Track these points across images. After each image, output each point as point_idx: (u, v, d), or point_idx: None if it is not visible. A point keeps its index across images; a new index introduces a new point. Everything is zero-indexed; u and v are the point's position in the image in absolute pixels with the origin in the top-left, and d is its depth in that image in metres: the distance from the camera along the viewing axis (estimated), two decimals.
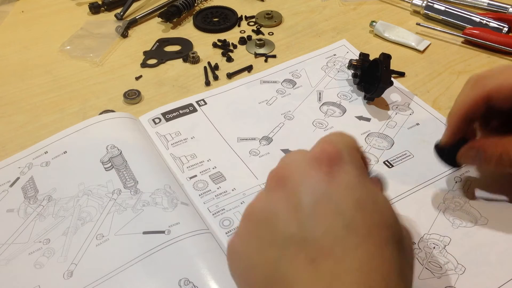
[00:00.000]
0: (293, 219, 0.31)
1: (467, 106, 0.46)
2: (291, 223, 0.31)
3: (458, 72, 0.68)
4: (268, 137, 0.58)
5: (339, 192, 0.31)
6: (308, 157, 0.34)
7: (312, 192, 0.31)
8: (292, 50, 0.73)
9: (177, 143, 0.57)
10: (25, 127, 0.61)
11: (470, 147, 0.46)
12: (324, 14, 0.80)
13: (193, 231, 0.47)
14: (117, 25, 0.77)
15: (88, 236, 0.47)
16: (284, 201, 0.32)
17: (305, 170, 0.33)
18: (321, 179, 0.32)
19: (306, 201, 0.31)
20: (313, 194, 0.31)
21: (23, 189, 0.52)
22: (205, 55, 0.72)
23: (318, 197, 0.31)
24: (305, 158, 0.34)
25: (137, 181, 0.51)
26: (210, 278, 0.43)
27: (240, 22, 0.79)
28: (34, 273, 0.45)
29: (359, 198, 0.31)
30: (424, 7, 0.78)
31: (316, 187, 0.32)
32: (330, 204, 0.31)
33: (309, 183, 0.32)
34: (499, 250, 0.46)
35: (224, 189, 0.52)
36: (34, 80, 0.68)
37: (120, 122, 0.58)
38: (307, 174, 0.33)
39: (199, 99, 0.63)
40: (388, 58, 0.61)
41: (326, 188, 0.31)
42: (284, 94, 0.65)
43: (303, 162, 0.34)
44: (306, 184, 0.32)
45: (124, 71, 0.69)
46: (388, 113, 0.62)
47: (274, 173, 0.35)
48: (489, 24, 0.74)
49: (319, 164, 0.33)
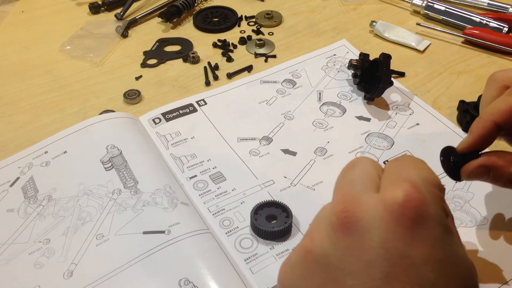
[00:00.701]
0: (365, 278, 0.27)
1: (502, 114, 0.39)
2: (360, 282, 0.27)
3: (458, 72, 0.68)
4: (268, 137, 0.58)
5: (421, 254, 0.27)
6: (386, 201, 0.28)
7: (390, 252, 0.27)
8: (292, 50, 0.73)
9: (177, 143, 0.57)
10: (25, 127, 0.61)
11: (481, 165, 0.40)
12: (324, 14, 0.80)
13: (193, 231, 0.47)
14: (117, 25, 0.77)
15: (88, 236, 0.47)
16: (354, 253, 0.27)
17: (384, 219, 0.28)
18: (403, 237, 0.27)
19: (381, 260, 0.27)
20: (392, 255, 0.27)
21: (23, 189, 0.52)
22: (205, 55, 0.72)
23: (397, 259, 0.27)
24: (383, 201, 0.28)
25: (137, 181, 0.51)
26: (210, 278, 0.43)
27: (240, 22, 0.79)
28: (34, 273, 0.45)
29: (442, 261, 0.27)
30: (424, 7, 0.78)
31: (396, 246, 0.27)
32: (410, 271, 0.26)
33: (388, 239, 0.27)
34: (499, 250, 0.46)
35: (224, 189, 0.52)
36: (34, 80, 0.68)
37: (120, 122, 0.58)
38: (387, 227, 0.27)
39: (199, 99, 0.63)
40: (388, 58, 0.61)
41: (407, 249, 0.27)
42: (284, 94, 0.65)
43: (380, 207, 0.28)
44: (384, 240, 0.27)
45: (124, 71, 0.69)
46: (388, 113, 0.62)
47: (341, 208, 0.29)
48: (489, 24, 0.74)
49: (402, 217, 0.27)
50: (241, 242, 0.47)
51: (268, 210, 0.49)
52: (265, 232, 0.47)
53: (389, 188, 0.29)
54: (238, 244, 0.47)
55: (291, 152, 0.57)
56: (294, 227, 0.48)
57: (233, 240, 0.47)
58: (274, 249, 0.47)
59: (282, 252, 0.46)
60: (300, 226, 0.49)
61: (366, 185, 0.30)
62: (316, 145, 0.57)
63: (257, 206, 0.49)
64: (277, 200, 0.49)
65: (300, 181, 0.53)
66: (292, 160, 0.56)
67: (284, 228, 0.47)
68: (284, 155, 0.56)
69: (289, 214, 0.48)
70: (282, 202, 0.49)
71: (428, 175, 0.30)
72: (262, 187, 0.53)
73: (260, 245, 0.47)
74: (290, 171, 0.54)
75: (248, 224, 0.49)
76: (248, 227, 0.49)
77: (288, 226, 0.47)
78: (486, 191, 0.51)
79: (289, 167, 0.55)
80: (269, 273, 0.45)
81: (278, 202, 0.49)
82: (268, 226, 0.47)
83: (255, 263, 0.46)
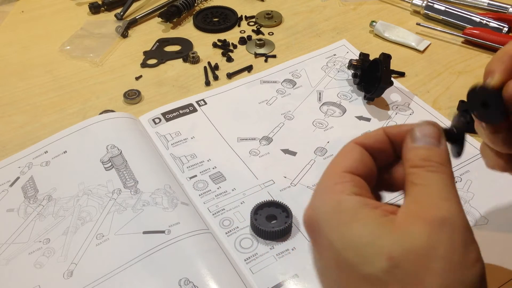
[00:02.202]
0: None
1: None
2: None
3: (458, 72, 0.68)
4: (268, 137, 0.58)
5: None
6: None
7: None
8: (292, 50, 0.73)
9: (177, 143, 0.57)
10: (25, 127, 0.61)
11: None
12: (324, 14, 0.80)
13: (193, 231, 0.47)
14: (117, 25, 0.77)
15: (88, 235, 0.47)
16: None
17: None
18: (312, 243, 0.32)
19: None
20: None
21: (23, 188, 0.52)
22: (205, 55, 0.72)
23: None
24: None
25: (137, 181, 0.51)
26: (210, 278, 0.43)
27: (240, 22, 0.79)
28: (34, 273, 0.45)
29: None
30: (424, 7, 0.78)
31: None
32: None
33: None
34: (499, 250, 0.46)
35: (224, 189, 0.52)
36: (34, 80, 0.68)
37: (120, 122, 0.58)
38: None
39: (199, 99, 0.63)
40: (388, 58, 0.61)
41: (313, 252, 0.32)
42: (284, 94, 0.65)
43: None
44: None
45: (124, 71, 0.69)
46: (388, 113, 0.62)
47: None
48: (489, 24, 0.74)
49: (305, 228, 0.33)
50: (241, 242, 0.47)
51: (268, 210, 0.49)
52: (265, 232, 0.47)
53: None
54: (238, 244, 0.47)
55: (291, 152, 0.57)
56: (294, 227, 0.48)
57: (233, 240, 0.47)
58: (274, 249, 0.47)
59: (282, 252, 0.46)
60: (300, 226, 0.49)
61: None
62: (316, 145, 0.57)
63: (257, 206, 0.49)
64: (277, 200, 0.49)
65: (300, 181, 0.53)
66: (292, 160, 0.56)
67: (284, 228, 0.47)
68: (284, 155, 0.56)
69: (289, 214, 0.48)
70: (282, 202, 0.49)
71: (327, 176, 0.32)
72: (262, 187, 0.53)
73: (260, 245, 0.47)
74: (290, 171, 0.54)
75: (248, 224, 0.49)
76: (248, 227, 0.49)
77: (288, 226, 0.47)
78: (486, 191, 0.51)
79: (289, 167, 0.55)
80: (269, 273, 0.45)
81: (278, 202, 0.49)
82: (268, 226, 0.47)
83: (255, 263, 0.46)
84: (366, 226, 0.28)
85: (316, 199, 0.31)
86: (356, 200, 0.29)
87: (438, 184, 0.29)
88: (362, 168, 0.31)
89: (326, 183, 0.31)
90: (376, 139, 0.33)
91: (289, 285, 0.44)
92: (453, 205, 0.28)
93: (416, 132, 0.31)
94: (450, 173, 0.30)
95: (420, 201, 0.28)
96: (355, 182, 0.30)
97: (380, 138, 0.33)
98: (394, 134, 0.33)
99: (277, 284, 0.44)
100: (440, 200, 0.28)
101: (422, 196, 0.29)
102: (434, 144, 0.31)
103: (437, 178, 0.29)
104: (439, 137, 0.31)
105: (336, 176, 0.31)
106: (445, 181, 0.29)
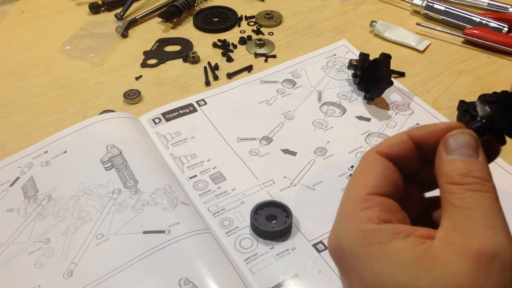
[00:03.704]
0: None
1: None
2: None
3: (458, 72, 0.68)
4: (268, 137, 0.58)
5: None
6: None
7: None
8: (292, 50, 0.73)
9: (177, 143, 0.57)
10: (25, 127, 0.61)
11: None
12: (324, 14, 0.80)
13: (193, 231, 0.47)
14: (117, 25, 0.77)
15: (88, 235, 0.47)
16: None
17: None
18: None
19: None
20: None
21: (23, 188, 0.52)
22: (205, 55, 0.72)
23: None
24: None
25: (137, 181, 0.51)
26: (210, 278, 0.43)
27: (240, 22, 0.79)
28: (34, 273, 0.45)
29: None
30: (424, 7, 0.78)
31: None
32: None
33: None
34: None
35: (224, 189, 0.52)
36: (34, 80, 0.68)
37: (120, 122, 0.58)
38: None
39: (199, 99, 0.63)
40: (388, 58, 0.61)
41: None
42: (284, 94, 0.65)
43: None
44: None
45: (124, 71, 0.69)
46: (388, 113, 0.62)
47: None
48: (489, 24, 0.74)
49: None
50: (241, 242, 0.47)
51: (268, 210, 0.49)
52: (265, 232, 0.47)
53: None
54: (238, 244, 0.47)
55: (291, 152, 0.57)
56: (294, 227, 0.48)
57: (233, 240, 0.47)
58: (274, 249, 0.47)
59: (282, 252, 0.46)
60: (300, 226, 0.49)
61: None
62: (316, 145, 0.57)
63: (257, 206, 0.49)
64: (277, 200, 0.49)
65: (300, 181, 0.53)
66: (292, 160, 0.56)
67: (284, 228, 0.47)
68: (284, 155, 0.56)
69: (289, 214, 0.48)
70: (282, 202, 0.49)
71: (346, 202, 0.29)
72: (262, 187, 0.53)
73: (260, 245, 0.47)
74: (290, 171, 0.54)
75: (248, 224, 0.49)
76: (248, 227, 0.49)
77: (288, 226, 0.47)
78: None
79: (289, 167, 0.55)
80: (269, 273, 0.45)
81: (278, 202, 0.49)
82: (268, 226, 0.47)
83: (255, 263, 0.46)
84: (401, 264, 0.25)
85: (340, 227, 0.28)
86: (385, 230, 0.26)
87: (483, 207, 0.25)
88: (388, 185, 0.28)
89: (349, 209, 0.28)
90: (400, 147, 0.29)
91: (289, 285, 0.44)
92: (502, 234, 0.24)
93: (450, 141, 0.28)
94: (494, 191, 0.26)
95: (462, 229, 0.25)
96: (382, 206, 0.27)
97: (406, 146, 0.29)
98: (420, 137, 0.29)
99: (277, 284, 0.44)
100: (486, 228, 0.24)
101: (464, 222, 0.25)
102: (472, 156, 0.27)
103: (481, 200, 0.25)
104: (476, 147, 0.27)
105: (360, 200, 0.28)
106: (490, 203, 0.25)
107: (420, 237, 0.25)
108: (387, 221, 0.27)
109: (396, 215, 0.28)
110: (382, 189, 0.28)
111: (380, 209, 0.27)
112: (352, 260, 0.26)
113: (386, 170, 0.29)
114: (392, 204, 0.28)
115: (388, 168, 0.29)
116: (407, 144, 0.29)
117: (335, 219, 0.29)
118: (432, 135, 0.29)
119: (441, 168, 0.27)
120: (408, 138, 0.29)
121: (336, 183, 0.53)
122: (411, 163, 0.30)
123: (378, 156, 0.29)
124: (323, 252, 0.46)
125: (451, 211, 0.26)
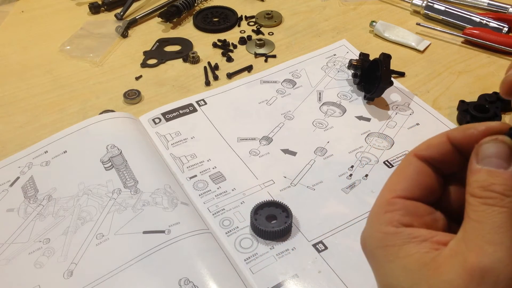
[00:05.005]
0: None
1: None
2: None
3: (458, 72, 0.68)
4: (268, 137, 0.58)
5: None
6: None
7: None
8: (292, 50, 0.73)
9: (177, 143, 0.57)
10: (25, 127, 0.61)
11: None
12: (324, 14, 0.80)
13: (193, 231, 0.47)
14: (117, 25, 0.77)
15: (88, 235, 0.47)
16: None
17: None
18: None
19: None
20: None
21: (23, 188, 0.52)
22: (205, 55, 0.72)
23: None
24: None
25: (137, 181, 0.51)
26: (210, 278, 0.43)
27: (240, 22, 0.79)
28: (34, 273, 0.45)
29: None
30: (424, 7, 0.78)
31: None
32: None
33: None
34: None
35: (224, 189, 0.52)
36: (34, 80, 0.68)
37: (120, 122, 0.58)
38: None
39: (199, 99, 0.63)
40: (388, 58, 0.61)
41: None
42: (284, 94, 0.65)
43: None
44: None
45: (124, 71, 0.69)
46: (388, 113, 0.62)
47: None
48: (489, 24, 0.74)
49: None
50: (241, 242, 0.47)
51: (268, 210, 0.49)
52: (265, 232, 0.47)
53: None
54: (238, 244, 0.47)
55: (291, 152, 0.57)
56: (294, 227, 0.48)
57: (233, 240, 0.47)
58: (274, 249, 0.47)
59: (282, 252, 0.46)
60: (300, 226, 0.49)
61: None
62: (316, 145, 0.57)
63: (257, 206, 0.49)
64: (277, 200, 0.49)
65: (300, 181, 0.53)
66: (292, 160, 0.56)
67: (284, 228, 0.47)
68: (284, 155, 0.56)
69: (289, 214, 0.48)
70: (282, 202, 0.49)
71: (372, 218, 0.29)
72: (262, 187, 0.53)
73: (260, 245, 0.47)
74: (290, 171, 0.54)
75: (248, 224, 0.49)
76: (248, 227, 0.49)
77: (288, 226, 0.47)
78: None
79: (289, 167, 0.55)
80: (269, 273, 0.45)
81: (278, 202, 0.49)
82: (268, 226, 0.47)
83: (255, 263, 0.46)
84: (406, 269, 0.25)
85: (366, 228, 0.29)
86: (402, 234, 0.26)
87: (493, 222, 0.24)
88: (418, 188, 0.28)
89: (375, 210, 0.29)
90: (439, 149, 0.29)
91: (289, 285, 0.44)
92: (503, 251, 0.23)
93: (481, 149, 0.26)
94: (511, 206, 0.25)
95: (468, 242, 0.25)
96: (405, 209, 0.27)
97: (444, 148, 0.29)
98: (458, 139, 0.28)
99: (277, 284, 0.44)
100: (487, 243, 0.24)
101: (472, 235, 0.25)
102: (501, 166, 0.25)
103: (493, 214, 0.24)
104: (508, 157, 0.26)
105: (386, 203, 0.28)
106: (502, 218, 0.24)
107: (437, 243, 0.26)
108: (408, 225, 0.27)
109: (422, 218, 0.28)
110: (411, 192, 0.28)
111: (402, 213, 0.27)
112: (372, 259, 0.28)
113: (419, 173, 0.29)
114: (420, 208, 0.28)
115: (421, 172, 0.29)
116: (446, 146, 0.29)
117: (367, 217, 0.30)
118: (470, 137, 0.28)
119: (468, 176, 0.27)
120: (446, 140, 0.29)
121: (336, 183, 0.53)
122: (451, 164, 0.29)
123: (414, 158, 0.29)
124: (323, 252, 0.46)
125: (466, 222, 0.25)
